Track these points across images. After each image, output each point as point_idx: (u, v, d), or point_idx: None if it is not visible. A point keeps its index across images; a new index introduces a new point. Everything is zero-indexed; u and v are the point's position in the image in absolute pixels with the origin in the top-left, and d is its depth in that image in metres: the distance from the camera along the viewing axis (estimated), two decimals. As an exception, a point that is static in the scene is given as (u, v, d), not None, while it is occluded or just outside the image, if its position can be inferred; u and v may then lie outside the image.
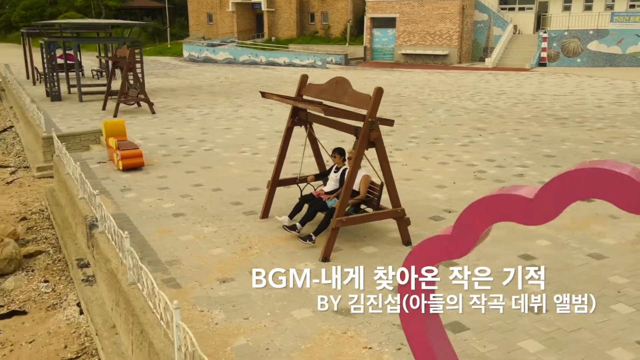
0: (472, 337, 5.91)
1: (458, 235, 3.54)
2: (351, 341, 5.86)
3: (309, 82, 9.29)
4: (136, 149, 12.63)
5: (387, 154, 8.44)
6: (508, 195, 3.19)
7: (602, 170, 2.95)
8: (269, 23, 50.27)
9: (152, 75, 34.79)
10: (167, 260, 7.81)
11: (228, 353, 5.68)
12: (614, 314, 6.38)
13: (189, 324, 6.22)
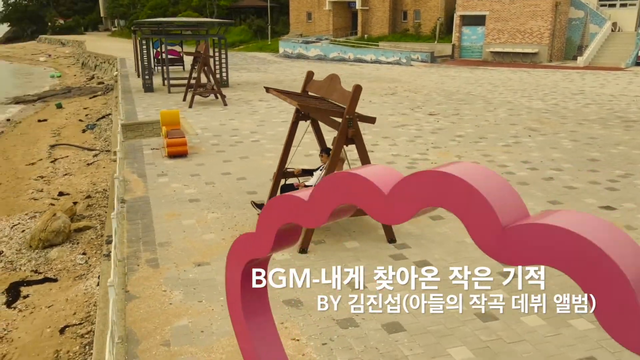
0: (404, 339, 5.61)
1: (260, 234, 3.37)
2: (284, 332, 5.76)
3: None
4: (181, 138, 13.11)
5: (367, 150, 8.12)
6: (289, 196, 2.99)
7: (444, 175, 2.65)
8: (362, 21, 49.99)
9: (244, 69, 35.86)
10: (160, 242, 8.08)
11: (165, 332, 5.79)
12: (569, 329, 5.79)
13: (148, 302, 6.43)
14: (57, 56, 67.70)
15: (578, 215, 2.28)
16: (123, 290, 6.64)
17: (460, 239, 8.06)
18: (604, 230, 2.35)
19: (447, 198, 2.40)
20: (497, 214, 2.33)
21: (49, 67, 56.42)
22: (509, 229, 2.29)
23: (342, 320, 5.96)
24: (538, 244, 2.19)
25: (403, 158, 12.72)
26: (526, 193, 10.14)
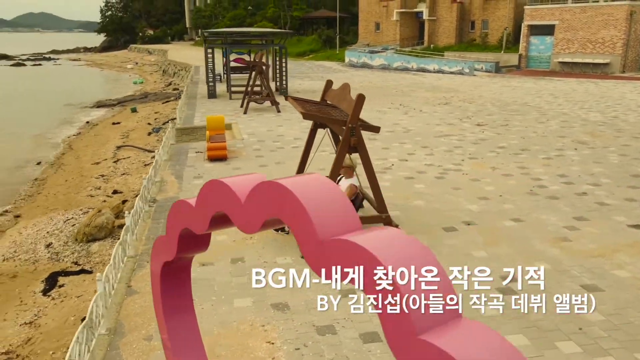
0: (377, 349, 5.45)
1: (167, 238, 3.36)
2: (262, 334, 5.75)
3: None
4: (221, 143, 13.42)
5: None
6: (182, 201, 2.97)
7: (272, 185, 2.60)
8: (429, 31, 49.24)
9: (308, 78, 36.22)
10: (174, 241, 8.28)
11: (151, 327, 5.90)
12: (553, 351, 5.41)
13: (145, 298, 6.60)
14: (143, 64, 71.15)
15: (393, 234, 2.14)
16: (126, 285, 6.87)
17: (465, 252, 7.74)
18: (407, 250, 2.19)
19: (281, 209, 2.31)
20: (316, 226, 2.22)
21: (135, 74, 59.40)
22: (326, 243, 2.18)
23: (321, 326, 5.88)
24: (345, 260, 2.08)
25: (435, 168, 12.38)
26: (553, 207, 9.60)
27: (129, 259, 7.58)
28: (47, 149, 22.65)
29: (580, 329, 5.76)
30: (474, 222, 8.93)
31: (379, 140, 15.50)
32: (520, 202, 9.94)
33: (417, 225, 8.82)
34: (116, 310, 6.24)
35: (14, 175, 18.29)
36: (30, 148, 22.83)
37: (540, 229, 8.62)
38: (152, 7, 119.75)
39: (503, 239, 8.19)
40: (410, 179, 11.55)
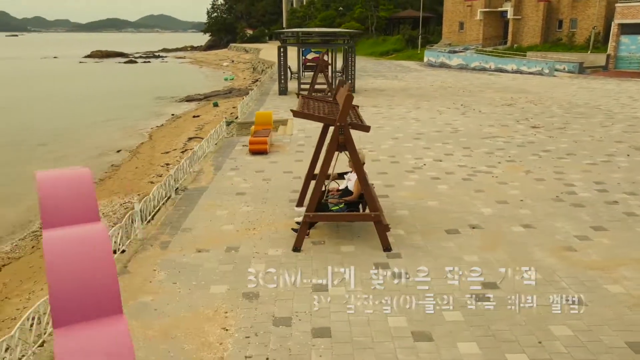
0: (322, 344, 5.37)
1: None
2: (221, 320, 5.83)
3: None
4: (263, 137, 13.65)
5: (360, 159, 7.70)
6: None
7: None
8: (513, 30, 46.88)
9: (382, 77, 35.81)
10: (183, 228, 8.59)
11: (128, 306, 6.17)
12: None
13: (134, 278, 6.93)
14: (239, 62, 73.59)
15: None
16: (122, 265, 7.22)
17: (458, 255, 7.38)
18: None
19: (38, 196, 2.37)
20: (44, 215, 2.27)
21: (229, 71, 61.63)
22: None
23: (279, 318, 5.87)
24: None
25: (466, 169, 11.85)
26: (572, 215, 8.89)
27: (135, 242, 7.97)
28: (132, 139, 24.12)
29: (539, 342, 5.33)
30: (481, 225, 8.48)
31: (422, 140, 15.10)
32: (540, 207, 9.29)
33: (420, 225, 8.52)
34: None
35: (96, 161, 19.68)
36: (118, 137, 24.44)
37: (548, 236, 8.02)
38: (253, 8, 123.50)
39: (502, 245, 7.71)
40: (436, 179, 11.14)
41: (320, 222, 8.10)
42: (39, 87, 45.46)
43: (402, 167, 12.16)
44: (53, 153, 20.90)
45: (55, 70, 67.83)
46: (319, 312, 5.97)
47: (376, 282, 6.59)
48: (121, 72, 65.81)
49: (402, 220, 8.75)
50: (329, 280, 6.66)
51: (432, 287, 6.44)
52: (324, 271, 6.91)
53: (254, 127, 14.74)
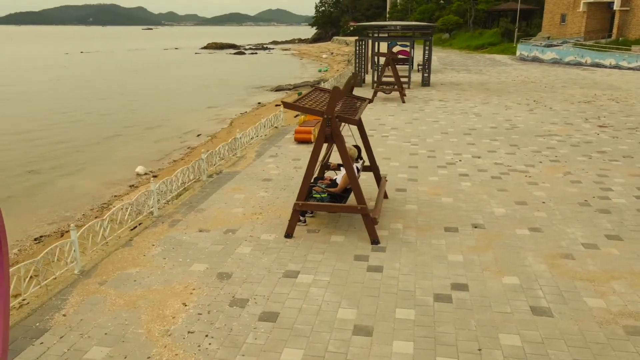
0: (263, 328, 5.38)
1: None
2: (185, 296, 6.02)
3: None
4: (309, 127, 13.71)
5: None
6: None
7: None
8: (619, 22, 42.59)
9: (466, 71, 34.29)
10: (198, 209, 8.92)
11: (112, 274, 6.57)
12: (426, 366, 4.77)
13: (132, 251, 7.33)
14: (337, 54, 73.90)
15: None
16: (128, 239, 7.67)
17: (442, 254, 7.01)
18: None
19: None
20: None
21: (325, 63, 62.16)
22: None
23: (238, 299, 5.95)
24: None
25: (500, 168, 11.10)
26: (592, 221, 8.05)
27: (149, 218, 8.42)
28: (217, 124, 25.23)
29: (479, 349, 4.95)
30: (484, 225, 7.95)
31: (471, 135, 14.36)
32: (560, 211, 8.51)
33: (421, 221, 8.17)
34: (104, 258, 7.06)
35: (176, 144, 20.87)
36: (204, 122, 25.66)
37: (551, 242, 7.34)
38: (359, 2, 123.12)
39: (496, 247, 7.18)
40: (463, 176, 10.57)
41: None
42: (157, 75, 48.87)
43: (436, 162, 11.66)
44: (155, 136, 22.27)
45: (173, 60, 72.43)
46: (276, 297, 5.98)
47: (346, 274, 6.50)
48: (228, 62, 68.78)
49: (405, 215, 8.45)
50: (302, 268, 6.67)
51: (399, 283, 6.23)
52: (302, 259, 6.93)
53: (304, 117, 14.83)
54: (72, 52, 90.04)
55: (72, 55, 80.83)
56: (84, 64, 63.40)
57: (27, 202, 13.26)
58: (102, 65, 62.76)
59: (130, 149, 19.57)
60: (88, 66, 60.68)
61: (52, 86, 39.78)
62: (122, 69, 57.02)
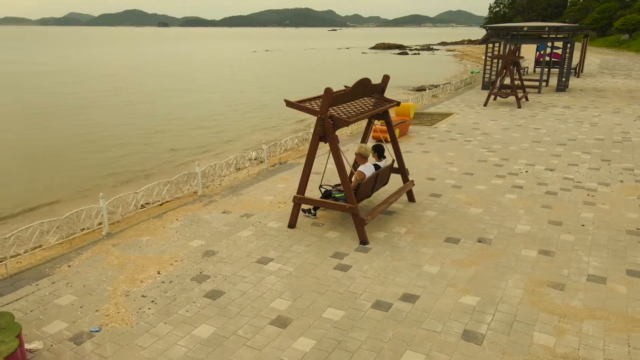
0: (200, 303, 5.64)
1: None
2: (164, 267, 6.52)
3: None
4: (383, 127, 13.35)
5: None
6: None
7: None
8: None
9: (623, 76, 29.72)
10: (240, 192, 9.44)
11: (127, 239, 7.39)
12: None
13: (158, 221, 8.09)
14: (500, 55, 69.15)
15: None
16: (162, 212, 8.48)
17: (419, 263, 6.51)
18: None
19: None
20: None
21: (481, 64, 58.70)
22: None
23: (202, 275, 6.27)
24: None
25: (565, 183, 9.66)
26: (621, 253, 6.70)
27: (191, 196, 9.17)
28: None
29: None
30: (491, 241, 7.12)
31: (566, 146, 12.66)
32: (595, 237, 7.20)
33: (428, 228, 7.60)
34: (131, 223, 7.96)
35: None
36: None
37: (552, 268, 6.31)
38: (536, 1, 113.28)
39: (484, 265, 6.42)
40: (516, 188, 9.45)
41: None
42: (312, 70, 51.24)
43: (498, 171, 10.58)
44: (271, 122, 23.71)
45: (339, 58, 74.80)
46: (235, 278, 6.19)
47: (312, 268, 6.44)
48: (386, 61, 68.76)
49: (417, 220, 7.93)
50: (277, 257, 6.77)
51: (353, 285, 6.00)
52: (285, 248, 7.04)
53: (395, 117, 14.48)
54: (259, 50, 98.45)
55: (258, 53, 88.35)
56: (261, 61, 68.85)
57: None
58: (275, 61, 67.50)
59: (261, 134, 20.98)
60: (264, 62, 65.78)
61: (223, 81, 44.14)
62: (289, 65, 60.68)
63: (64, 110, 25.43)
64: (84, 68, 53.82)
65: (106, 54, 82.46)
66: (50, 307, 5.59)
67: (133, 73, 47.94)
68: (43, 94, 31.90)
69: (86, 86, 36.51)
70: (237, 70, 52.55)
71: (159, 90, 34.08)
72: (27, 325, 5.25)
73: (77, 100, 29.06)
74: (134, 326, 5.21)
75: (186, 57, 74.73)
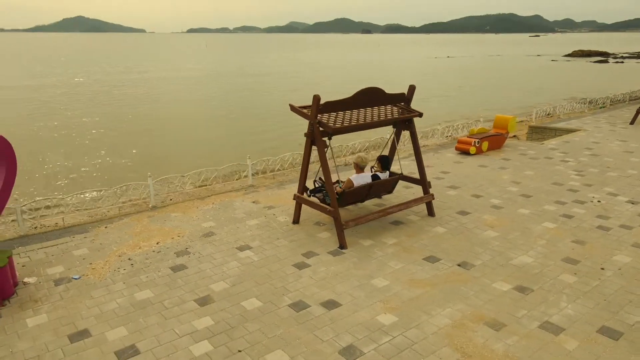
0: (164, 274, 6.35)
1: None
2: (167, 239, 7.42)
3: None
4: (469, 139, 12.38)
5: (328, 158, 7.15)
6: None
7: None
8: None
9: None
10: (283, 187, 9.90)
11: (163, 215, 8.47)
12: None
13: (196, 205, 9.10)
14: None
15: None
16: (206, 195, 9.44)
17: (374, 275, 6.25)
18: None
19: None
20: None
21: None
22: None
23: (182, 251, 6.98)
24: None
25: (629, 220, 7.89)
26: (615, 302, 5.42)
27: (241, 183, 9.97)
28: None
29: (239, 350, 4.76)
30: (473, 268, 6.37)
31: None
32: (601, 284, 5.91)
33: (420, 243, 7.11)
34: (177, 201, 9.07)
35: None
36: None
37: (512, 307, 5.45)
38: None
39: (438, 290, 5.84)
40: (563, 217, 8.09)
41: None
42: (479, 80, 48.37)
43: (565, 196, 9.11)
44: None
45: (520, 66, 68.89)
46: (206, 258, 6.76)
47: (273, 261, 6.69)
48: (571, 70, 60.90)
49: (417, 235, 7.44)
50: (256, 247, 7.15)
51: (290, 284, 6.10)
52: (268, 240, 7.43)
53: (477, 129, 13.29)
54: (441, 56, 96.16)
55: (437, 59, 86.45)
56: (430, 68, 67.24)
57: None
58: (446, 68, 65.26)
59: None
60: (431, 69, 64.16)
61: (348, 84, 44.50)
62: (454, 71, 58.09)
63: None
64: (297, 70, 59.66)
65: (307, 58, 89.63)
66: (66, 255, 6.91)
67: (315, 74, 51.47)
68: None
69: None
70: (395, 76, 52.47)
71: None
72: (38, 264, 6.61)
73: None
74: (102, 280, 6.17)
75: (362, 62, 77.00)
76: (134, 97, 34.40)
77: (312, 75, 51.57)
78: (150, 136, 21.10)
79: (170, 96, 35.41)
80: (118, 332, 5.08)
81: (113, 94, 36.59)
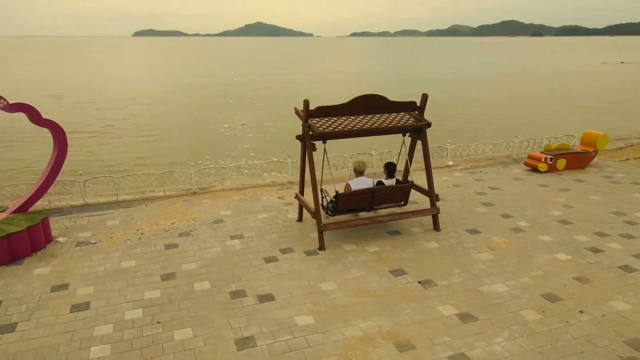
0: (156, 252, 7.18)
1: None
2: (183, 222, 8.28)
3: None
4: (539, 155, 11.09)
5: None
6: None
7: None
8: None
9: None
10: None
11: (197, 200, 9.39)
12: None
13: (230, 194, 9.90)
14: None
15: None
16: (240, 187, 10.12)
17: (322, 278, 6.26)
18: None
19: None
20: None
21: None
22: None
23: (185, 232, 7.74)
24: None
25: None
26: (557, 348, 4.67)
27: (275, 180, 10.46)
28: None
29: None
30: (434, 287, 5.98)
31: None
32: (568, 328, 5.10)
33: (399, 255, 6.85)
34: (217, 189, 9.94)
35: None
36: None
37: (433, 332, 5.05)
38: None
39: (374, 302, 5.65)
40: (590, 250, 6.96)
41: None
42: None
43: (615, 229, 7.78)
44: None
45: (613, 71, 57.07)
46: (198, 242, 7.43)
47: (249, 253, 7.09)
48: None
49: (404, 247, 7.15)
50: (245, 238, 7.63)
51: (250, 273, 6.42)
52: (258, 233, 7.88)
53: (559, 144, 11.70)
54: (612, 62, 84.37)
55: (607, 65, 76.07)
56: (600, 73, 59.37)
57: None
58: (617, 76, 57.03)
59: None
60: (596, 77, 56.60)
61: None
62: (627, 79, 50.33)
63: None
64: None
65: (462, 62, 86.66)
66: (100, 224, 8.19)
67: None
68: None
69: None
70: (525, 82, 47.49)
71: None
72: (77, 228, 7.96)
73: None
74: (109, 248, 7.24)
75: (520, 68, 71.29)
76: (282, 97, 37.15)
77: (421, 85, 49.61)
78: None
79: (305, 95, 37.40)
80: (86, 290, 6.00)
81: (261, 93, 39.99)
